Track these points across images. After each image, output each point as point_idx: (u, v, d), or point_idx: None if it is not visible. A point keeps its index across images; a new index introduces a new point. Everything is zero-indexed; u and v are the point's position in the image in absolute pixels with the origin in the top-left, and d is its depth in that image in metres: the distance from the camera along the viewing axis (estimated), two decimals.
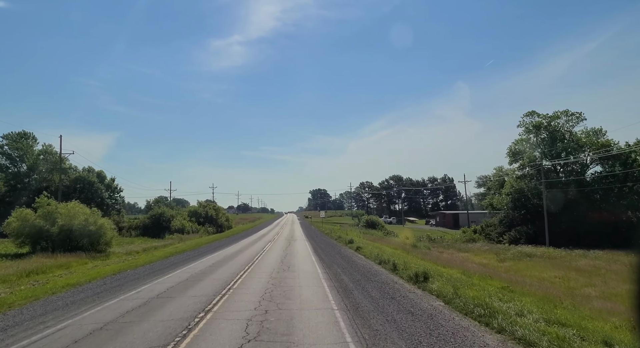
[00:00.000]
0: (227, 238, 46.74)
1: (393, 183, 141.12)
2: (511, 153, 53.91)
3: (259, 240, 41.49)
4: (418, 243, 39.29)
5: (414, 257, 26.14)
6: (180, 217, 64.91)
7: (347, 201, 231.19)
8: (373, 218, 63.19)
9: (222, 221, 73.15)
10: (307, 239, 41.41)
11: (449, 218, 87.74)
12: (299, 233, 54.52)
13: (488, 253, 37.83)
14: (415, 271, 14.81)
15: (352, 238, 36.53)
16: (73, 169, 73.94)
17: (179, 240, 48.28)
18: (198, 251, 30.88)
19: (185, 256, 26.43)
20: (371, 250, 25.95)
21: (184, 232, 59.40)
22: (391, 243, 39.36)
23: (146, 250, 36.71)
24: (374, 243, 35.84)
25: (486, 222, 62.81)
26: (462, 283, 14.22)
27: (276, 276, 15.90)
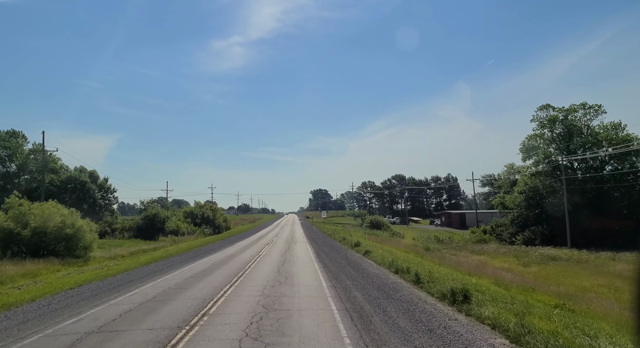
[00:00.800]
0: (222, 240, 43.23)
1: (396, 183, 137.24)
2: (524, 149, 50.30)
3: (256, 242, 37.94)
4: (430, 245, 35.73)
5: (431, 262, 22.59)
6: (176, 218, 61.46)
7: (349, 202, 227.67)
8: (378, 218, 59.64)
9: (220, 222, 69.60)
10: (309, 241, 37.85)
11: (455, 217, 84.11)
12: (299, 234, 50.96)
13: (506, 256, 34.25)
14: (451, 287, 11.22)
15: (357, 240, 32.95)
16: (64, 168, 70.53)
17: (172, 242, 44.89)
18: (187, 255, 27.36)
19: (170, 262, 22.92)
20: (382, 255, 22.39)
21: (178, 234, 55.99)
22: (400, 245, 35.79)
23: (133, 254, 33.35)
24: (381, 246, 32.27)
25: (496, 222, 59.29)
26: (506, 300, 10.71)
27: (270, 293, 12.34)
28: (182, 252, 30.41)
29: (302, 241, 37.24)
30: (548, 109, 49.54)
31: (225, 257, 24.47)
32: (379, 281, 14.64)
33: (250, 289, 13.08)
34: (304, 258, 23.05)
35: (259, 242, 37.41)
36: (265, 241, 37.80)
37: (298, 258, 23.00)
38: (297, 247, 30.71)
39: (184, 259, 24.66)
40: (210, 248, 33.38)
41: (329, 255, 24.51)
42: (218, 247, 33.24)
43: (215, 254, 27.00)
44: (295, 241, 38.10)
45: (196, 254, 27.83)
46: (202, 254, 27.45)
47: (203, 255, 26.48)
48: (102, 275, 18.59)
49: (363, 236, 44.80)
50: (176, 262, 22.91)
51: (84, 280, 17.09)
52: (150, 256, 28.30)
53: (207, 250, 30.80)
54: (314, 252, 26.52)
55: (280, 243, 35.02)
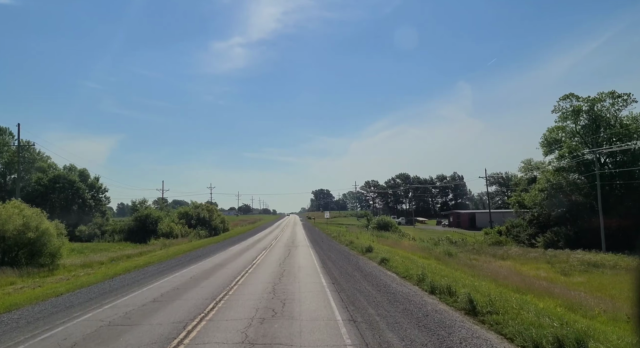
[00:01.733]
0: (216, 244, 38.80)
1: (400, 182, 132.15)
2: (546, 143, 45.67)
3: (252, 246, 33.47)
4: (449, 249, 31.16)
5: (463, 273, 18.12)
6: (169, 219, 57.08)
7: (351, 202, 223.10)
8: (385, 219, 55.10)
9: (217, 224, 65.18)
10: (312, 245, 33.34)
11: (464, 217, 79.48)
12: (301, 236, 46.47)
13: (537, 261, 29.69)
14: (555, 334, 6.70)
15: (368, 244, 28.43)
16: (53, 167, 66.18)
17: (162, 246, 40.56)
18: (169, 263, 22.97)
19: (144, 274, 18.57)
20: (404, 264, 17.89)
21: (171, 236, 51.64)
22: (415, 249, 31.25)
23: (114, 261, 29.11)
24: (395, 250, 27.75)
25: (511, 222, 54.80)
26: None
27: (255, 338, 7.84)
28: (167, 259, 26.03)
29: (304, 246, 32.74)
30: (571, 99, 44.95)
31: (211, 267, 19.99)
32: (414, 309, 10.14)
33: (227, 329, 8.56)
34: (307, 268, 18.53)
35: (255, 246, 32.94)
36: (263, 245, 33.33)
37: (300, 268, 18.49)
38: (299, 253, 26.21)
39: (162, 269, 20.28)
40: (199, 253, 28.97)
41: (338, 264, 20.01)
42: (208, 252, 28.82)
43: (202, 262, 22.57)
44: (297, 245, 33.61)
45: (180, 262, 23.42)
46: (187, 262, 23.04)
47: (187, 263, 22.07)
48: (62, 289, 14.32)
49: (371, 238, 40.31)
50: (150, 274, 18.51)
51: (25, 299, 12.76)
52: (129, 265, 23.99)
53: (194, 256, 26.38)
54: (318, 260, 22.03)
55: (279, 248, 30.56)
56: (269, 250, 28.59)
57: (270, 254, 25.77)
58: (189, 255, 28.15)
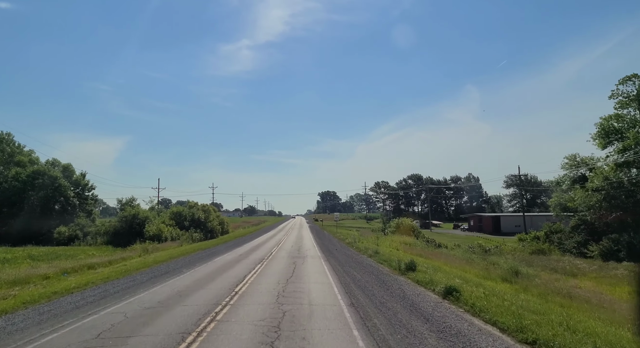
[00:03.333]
0: (205, 250, 31.23)
1: (412, 183, 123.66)
2: (603, 133, 37.55)
3: (247, 256, 25.70)
4: (501, 262, 23.23)
5: (581, 313, 10.34)
6: (159, 220, 49.60)
7: (358, 204, 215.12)
8: (406, 222, 47.23)
9: (214, 226, 57.62)
10: (324, 255, 25.55)
11: (487, 221, 71.20)
12: (309, 242, 38.70)
13: (630, 282, 21.68)
14: None
15: (399, 255, 20.46)
16: (34, 161, 59.04)
17: (143, 252, 33.10)
18: (125, 283, 15.39)
19: (83, 299, 11.05)
20: (495, 303, 10.08)
21: (160, 239, 44.17)
22: (461, 262, 23.41)
23: (68, 273, 21.91)
24: (442, 266, 19.91)
25: (549, 227, 46.72)
26: None
27: None
28: (130, 274, 18.55)
29: (314, 256, 24.91)
30: (634, 82, 36.94)
31: (165, 299, 12.23)
32: None
33: None
34: (325, 308, 10.62)
35: (250, 256, 25.17)
36: (260, 255, 25.58)
37: (312, 308, 10.59)
38: (307, 270, 18.40)
39: (105, 294, 12.72)
40: (180, 264, 21.45)
41: (374, 298, 12.07)
42: (186, 265, 21.20)
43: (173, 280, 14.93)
44: (304, 255, 25.78)
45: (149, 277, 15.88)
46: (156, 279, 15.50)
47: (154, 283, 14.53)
48: None
49: (396, 246, 32.52)
50: (91, 299, 10.98)
51: None
52: (74, 283, 16.62)
53: (164, 271, 18.76)
54: (339, 285, 14.19)
55: (280, 260, 22.80)
56: (267, 263, 20.88)
57: (266, 270, 18.03)
58: (161, 267, 20.58)
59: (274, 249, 29.71)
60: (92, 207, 61.77)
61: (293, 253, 26.84)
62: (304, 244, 35.47)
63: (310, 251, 28.50)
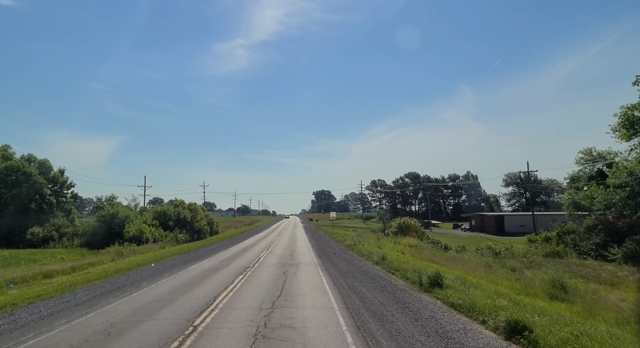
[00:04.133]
0: (186, 254, 27.09)
1: (409, 181, 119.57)
2: (627, 123, 33.85)
3: (231, 261, 21.54)
4: (565, 278, 19.39)
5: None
6: (141, 220, 45.35)
7: (353, 203, 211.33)
8: (408, 222, 43.29)
9: (201, 226, 53.37)
10: (320, 261, 21.52)
11: (489, 221, 67.52)
12: (303, 244, 34.66)
13: None
14: None
15: (435, 270, 16.31)
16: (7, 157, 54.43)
17: (117, 256, 29.05)
18: (65, 302, 11.27)
19: None
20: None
21: (140, 241, 40.04)
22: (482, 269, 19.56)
23: (12, 284, 18.01)
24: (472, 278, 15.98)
25: (561, 227, 43.01)
26: None
27: None
28: (76, 288, 14.43)
29: (310, 263, 20.85)
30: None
31: (97, 333, 8.19)
32: None
33: None
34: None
35: (234, 263, 21.04)
36: (246, 261, 21.49)
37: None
38: (302, 283, 14.37)
39: (13, 325, 8.62)
40: (140, 275, 17.33)
41: (401, 333, 8.10)
42: (153, 275, 17.10)
43: (100, 311, 10.80)
44: (298, 260, 21.71)
45: (73, 305, 11.71)
46: (85, 305, 11.39)
47: (74, 313, 10.42)
48: None
49: (402, 249, 28.58)
50: None
51: None
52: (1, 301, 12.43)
53: (120, 285, 14.68)
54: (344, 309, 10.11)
55: (268, 268, 18.74)
56: (251, 274, 16.83)
57: (248, 285, 13.97)
58: (120, 279, 16.49)
59: (263, 253, 25.63)
60: (71, 206, 57.23)
61: (285, 258, 22.77)
62: (298, 247, 31.42)
63: (304, 256, 24.45)
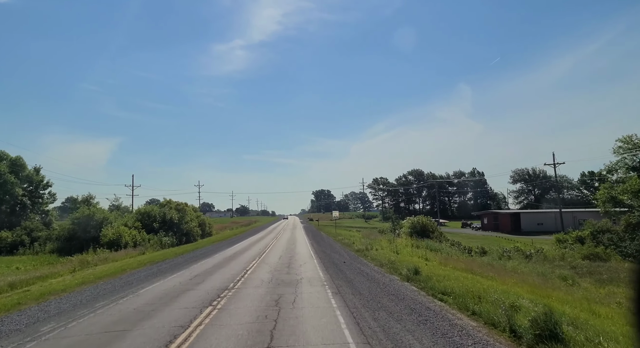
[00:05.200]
0: (159, 263, 21.56)
1: (413, 179, 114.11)
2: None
3: (206, 277, 15.91)
4: None
5: None
6: (119, 222, 39.79)
7: (353, 202, 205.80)
8: (424, 221, 37.31)
9: (191, 227, 47.79)
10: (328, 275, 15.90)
11: (504, 219, 62.07)
12: (303, 249, 29.10)
13: None
14: None
15: (546, 306, 10.69)
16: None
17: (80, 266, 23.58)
18: None
19: None
20: None
21: (119, 246, 34.55)
22: (541, 282, 14.18)
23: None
24: (547, 301, 10.58)
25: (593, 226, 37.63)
26: None
27: None
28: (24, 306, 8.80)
29: (314, 279, 15.15)
30: None
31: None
32: None
33: None
34: None
35: (209, 280, 15.38)
36: (227, 277, 15.90)
37: None
38: (304, 324, 8.85)
39: None
40: (76, 299, 11.80)
41: None
42: (92, 299, 11.60)
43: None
44: (298, 276, 15.99)
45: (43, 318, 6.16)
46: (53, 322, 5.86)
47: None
48: None
49: (424, 254, 23.09)
50: None
51: None
52: None
53: (85, 301, 9.20)
54: None
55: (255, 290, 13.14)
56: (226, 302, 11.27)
57: (212, 335, 8.46)
58: (53, 303, 10.98)
59: (253, 263, 20.07)
60: (47, 207, 51.58)
61: (280, 271, 17.23)
62: (298, 253, 25.86)
63: (306, 266, 18.92)
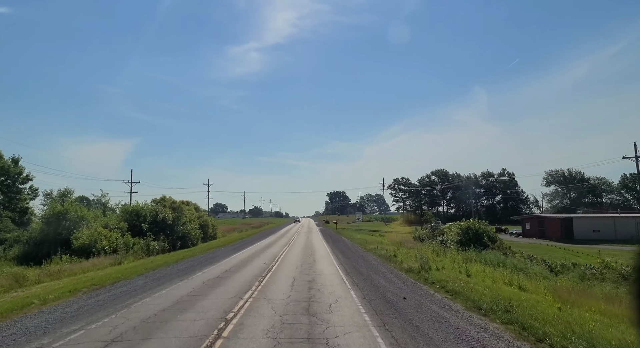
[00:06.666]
0: (113, 286, 13.45)
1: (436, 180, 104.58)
2: None
3: (150, 333, 7.90)
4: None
5: None
6: (98, 223, 31.99)
7: (369, 205, 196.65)
8: (478, 227, 28.32)
9: (188, 230, 39.79)
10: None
11: (552, 225, 52.63)
12: (328, 268, 20.40)
13: None
14: None
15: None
16: None
17: (12, 281, 15.43)
18: None
19: None
20: None
21: (92, 252, 26.76)
22: None
23: None
24: None
25: None
26: None
27: None
28: None
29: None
30: None
31: None
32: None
33: None
34: None
35: (160, 335, 7.34)
36: (196, 330, 7.82)
37: None
38: None
39: None
40: None
41: None
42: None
43: None
44: (329, 339, 7.89)
45: None
46: None
47: None
48: None
49: (515, 279, 14.62)
50: None
51: None
52: None
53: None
54: None
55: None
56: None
57: None
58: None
59: (243, 303, 11.67)
60: (28, 203, 44.14)
61: (292, 326, 8.91)
62: (320, 274, 17.37)
63: (341, 310, 10.46)
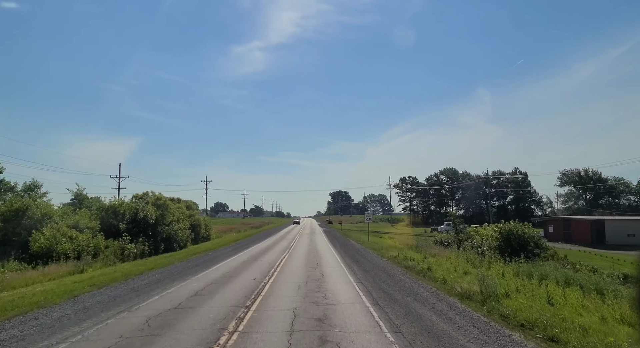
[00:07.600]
0: (42, 311, 8.40)
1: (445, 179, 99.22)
2: None
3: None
4: None
5: None
6: (66, 222, 26.80)
7: (372, 205, 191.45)
8: (523, 231, 22.58)
9: (174, 230, 34.56)
10: None
11: (581, 227, 47.32)
12: (341, 287, 15.16)
13: None
14: None
15: None
16: None
17: None
18: None
19: None
20: None
21: (51, 257, 21.43)
22: None
23: None
24: None
25: None
26: None
27: None
28: None
29: None
30: None
31: None
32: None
33: None
34: None
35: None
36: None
37: None
38: None
39: None
40: None
41: None
42: None
43: None
44: None
45: None
46: None
47: None
48: None
49: (599, 308, 9.59)
50: None
51: None
52: None
53: None
54: None
55: None
56: None
57: None
58: None
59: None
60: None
61: None
62: (333, 302, 11.90)
63: None
